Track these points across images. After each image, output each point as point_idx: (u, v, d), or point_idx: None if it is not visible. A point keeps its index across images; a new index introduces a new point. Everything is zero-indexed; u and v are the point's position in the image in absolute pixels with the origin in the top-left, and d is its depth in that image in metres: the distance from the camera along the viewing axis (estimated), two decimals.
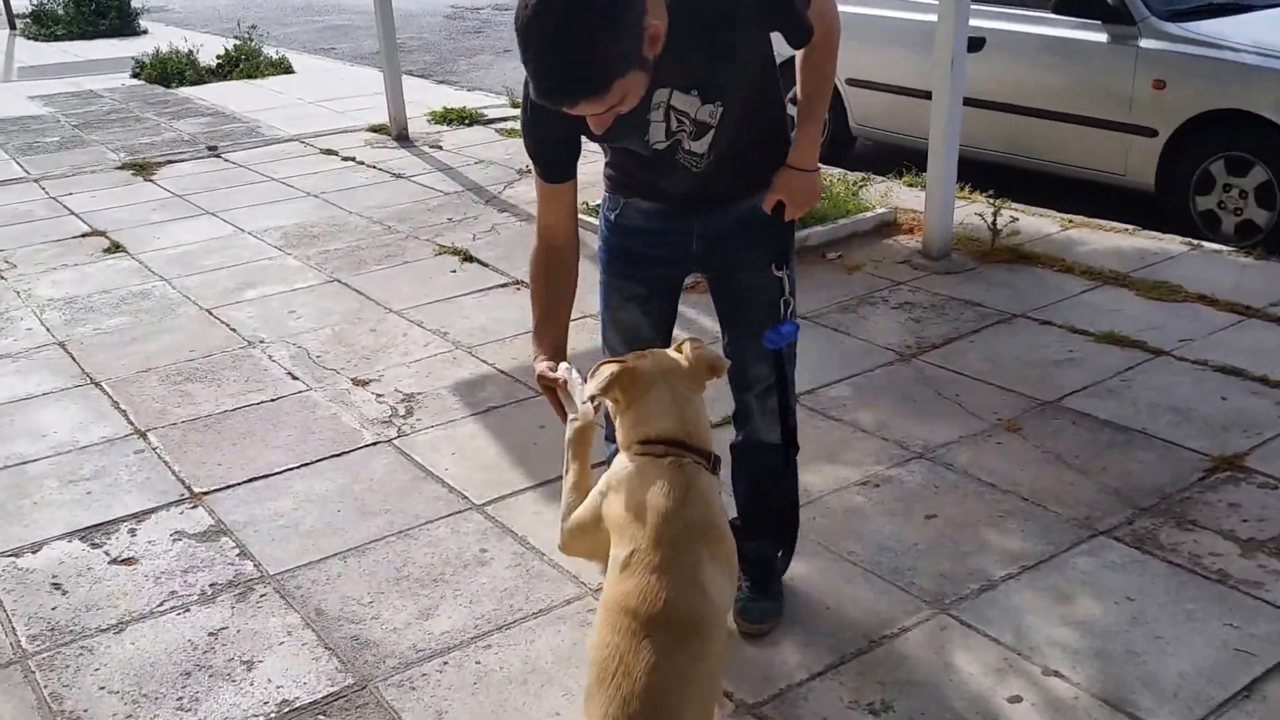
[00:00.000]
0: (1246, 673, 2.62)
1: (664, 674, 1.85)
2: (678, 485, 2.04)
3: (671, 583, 1.92)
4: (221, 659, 2.86)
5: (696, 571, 1.97)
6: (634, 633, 1.88)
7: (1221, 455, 3.54)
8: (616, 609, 1.92)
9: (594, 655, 1.92)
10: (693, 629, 1.92)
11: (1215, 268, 5.12)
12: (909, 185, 6.42)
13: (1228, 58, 5.55)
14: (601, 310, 2.79)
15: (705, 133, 2.40)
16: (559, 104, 2.01)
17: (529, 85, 2.19)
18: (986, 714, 2.55)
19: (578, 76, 1.96)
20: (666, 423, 2.10)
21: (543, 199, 2.50)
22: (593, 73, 1.95)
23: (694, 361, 2.18)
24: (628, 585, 1.94)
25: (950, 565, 3.08)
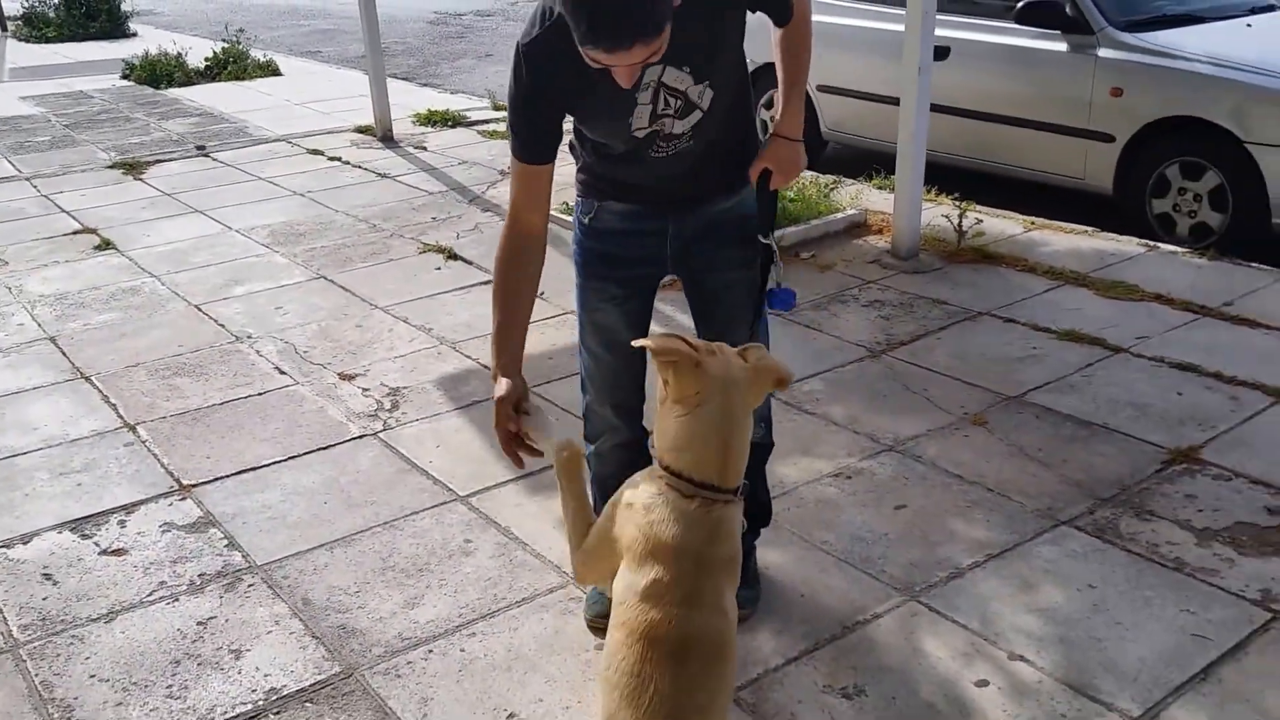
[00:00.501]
0: (1203, 657, 2.63)
1: (696, 701, 1.83)
2: (705, 526, 1.91)
3: (700, 614, 1.86)
4: (210, 648, 2.82)
5: (720, 599, 1.91)
6: (664, 662, 1.82)
7: (1177, 448, 3.55)
8: (644, 639, 1.84)
9: (618, 680, 1.83)
10: (720, 656, 1.89)
11: (1171, 268, 5.14)
12: (878, 188, 6.42)
13: (1182, 67, 5.57)
14: (579, 312, 2.76)
15: (691, 112, 2.37)
16: (618, 44, 1.95)
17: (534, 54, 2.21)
18: (955, 698, 2.55)
19: (642, 17, 1.92)
20: (705, 455, 1.91)
21: (519, 182, 2.42)
22: (654, 14, 1.93)
23: (758, 372, 1.95)
24: (654, 616, 1.84)
25: (919, 554, 3.08)
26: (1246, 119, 5.30)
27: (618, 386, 2.77)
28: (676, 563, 1.89)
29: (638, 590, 1.90)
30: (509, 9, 17.73)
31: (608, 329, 2.71)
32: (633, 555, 1.96)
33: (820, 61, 7.92)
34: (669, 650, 1.83)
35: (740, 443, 1.94)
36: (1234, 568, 2.95)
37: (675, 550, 1.89)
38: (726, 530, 1.94)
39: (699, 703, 1.84)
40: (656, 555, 1.91)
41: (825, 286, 5.09)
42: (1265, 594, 2.84)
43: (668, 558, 1.90)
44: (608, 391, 2.78)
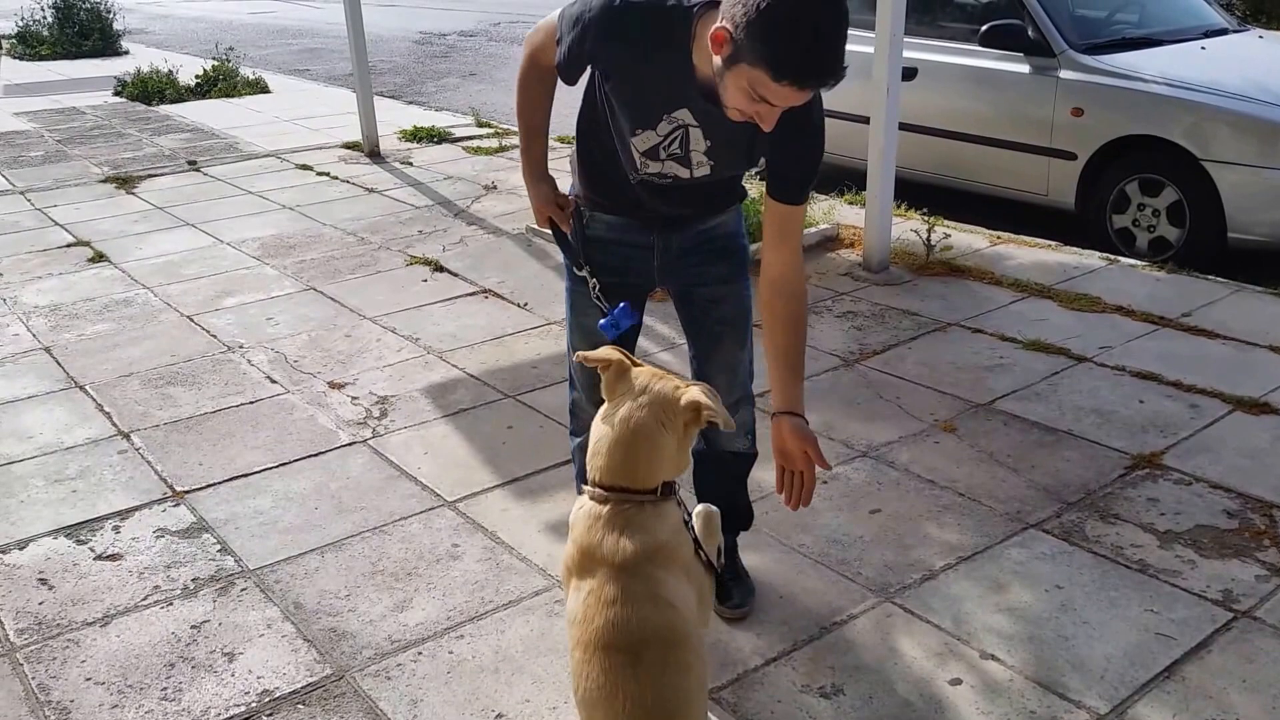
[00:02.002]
0: (1167, 655, 2.64)
1: (665, 693, 1.83)
2: (616, 524, 1.91)
3: (635, 608, 1.86)
4: (204, 651, 2.79)
5: (656, 590, 1.89)
6: (622, 665, 1.83)
7: (1140, 454, 3.57)
8: (597, 649, 1.85)
9: (592, 697, 1.84)
10: (672, 643, 1.88)
11: (1131, 281, 5.17)
12: (850, 203, 6.44)
13: (1140, 88, 5.62)
14: (568, 316, 2.76)
15: (683, 167, 2.39)
16: (825, 84, 1.95)
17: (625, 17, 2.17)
18: (929, 696, 2.55)
19: (843, 63, 1.93)
20: (612, 460, 1.94)
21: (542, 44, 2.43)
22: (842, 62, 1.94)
23: (686, 403, 1.94)
24: (597, 623, 1.86)
25: (894, 556, 3.08)
26: (1202, 138, 5.35)
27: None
28: (602, 567, 1.90)
29: (579, 604, 1.91)
30: (492, 29, 17.71)
31: (595, 332, 2.69)
32: (569, 572, 1.99)
33: None
34: (623, 651, 1.84)
35: (646, 450, 1.93)
36: (1196, 569, 2.97)
37: (597, 555, 1.91)
38: (637, 523, 1.92)
39: (669, 694, 1.84)
40: (585, 565, 1.93)
41: None
42: (1226, 594, 2.85)
43: (593, 564, 1.91)
44: (593, 390, 2.77)
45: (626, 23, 2.19)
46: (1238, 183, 5.27)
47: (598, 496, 1.95)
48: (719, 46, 1.97)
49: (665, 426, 1.94)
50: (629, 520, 1.92)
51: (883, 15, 5.06)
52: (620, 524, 1.91)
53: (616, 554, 1.90)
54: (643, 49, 2.20)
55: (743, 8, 1.90)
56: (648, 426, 1.93)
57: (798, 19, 1.87)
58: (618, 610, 1.86)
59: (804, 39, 1.88)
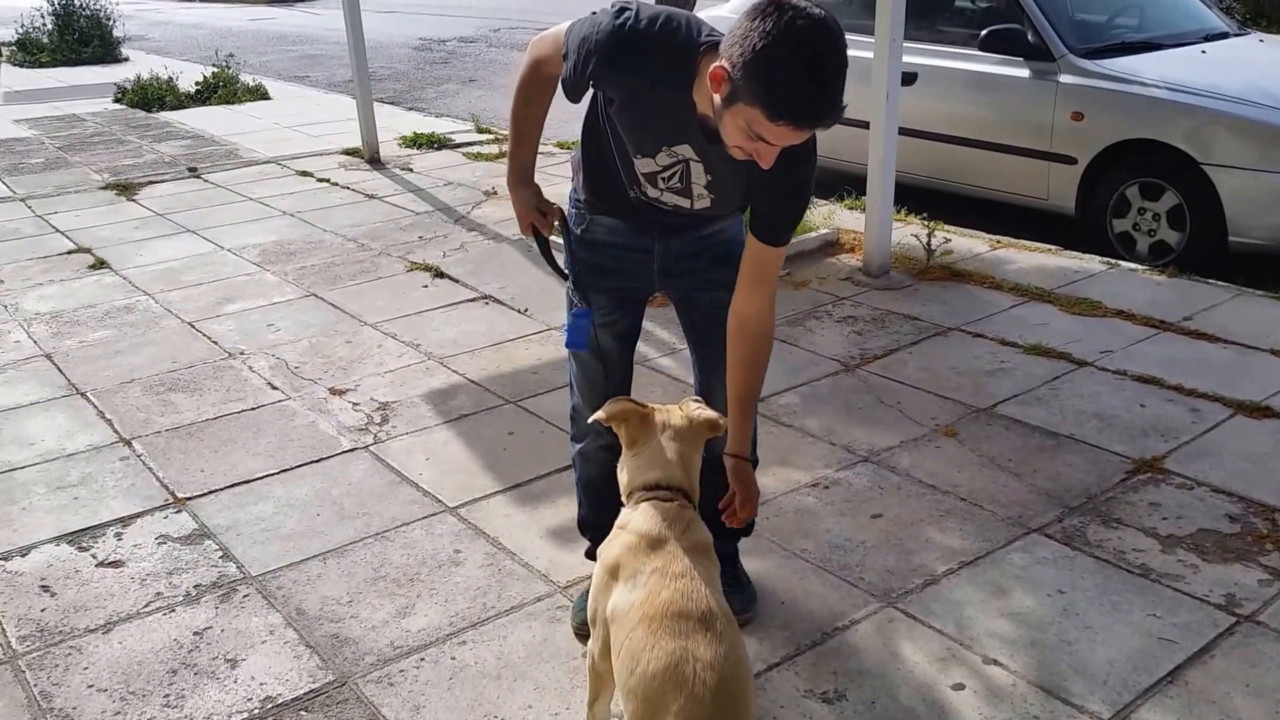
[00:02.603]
0: (1170, 660, 2.64)
1: (735, 667, 1.85)
2: (683, 519, 2.10)
3: (704, 583, 1.95)
4: (206, 657, 2.79)
5: (713, 578, 2.03)
6: (691, 630, 1.85)
7: (1142, 458, 3.57)
8: (665, 617, 1.88)
9: (656, 666, 1.83)
10: (730, 621, 1.94)
11: (1131, 285, 5.18)
12: (850, 208, 6.45)
13: (1140, 92, 5.63)
14: (568, 320, 2.76)
15: (682, 198, 2.41)
16: (821, 124, 1.95)
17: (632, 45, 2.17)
18: (932, 701, 2.55)
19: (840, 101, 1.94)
20: (674, 471, 2.16)
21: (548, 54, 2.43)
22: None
23: (694, 422, 2.21)
24: (665, 595, 1.92)
25: (895, 561, 3.08)
26: (1202, 142, 5.36)
27: (605, 393, 2.77)
28: (667, 546, 2.03)
29: (640, 586, 1.98)
30: (492, 35, 17.74)
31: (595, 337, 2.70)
32: (626, 569, 2.04)
33: None
34: (693, 618, 1.88)
35: (692, 462, 2.20)
36: (1198, 573, 2.97)
37: (665, 539, 2.04)
38: (698, 523, 2.13)
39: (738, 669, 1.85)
40: (650, 549, 2.03)
41: (800, 303, 5.10)
42: (1229, 599, 2.85)
43: (660, 545, 2.03)
44: (594, 395, 2.78)
45: (631, 52, 2.19)
46: (1238, 186, 5.28)
47: (663, 495, 2.13)
48: (717, 85, 1.98)
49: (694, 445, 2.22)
50: (692, 519, 2.13)
51: (882, 20, 5.07)
52: (686, 519, 2.12)
53: (684, 540, 2.05)
54: (646, 80, 2.21)
55: (740, 47, 1.91)
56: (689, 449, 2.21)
57: (794, 59, 1.87)
58: (687, 581, 1.94)
59: (800, 79, 1.88)
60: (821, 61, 1.89)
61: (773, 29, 1.87)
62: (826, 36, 1.89)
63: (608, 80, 2.28)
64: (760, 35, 1.88)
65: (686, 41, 2.17)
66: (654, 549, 2.03)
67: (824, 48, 1.89)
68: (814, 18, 1.89)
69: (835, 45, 1.91)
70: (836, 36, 1.91)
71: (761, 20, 1.89)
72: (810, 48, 1.88)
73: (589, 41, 2.24)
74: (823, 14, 1.91)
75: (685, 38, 2.17)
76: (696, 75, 2.15)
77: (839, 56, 1.91)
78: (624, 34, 2.19)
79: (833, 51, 1.90)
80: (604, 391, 2.75)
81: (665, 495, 2.13)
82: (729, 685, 1.80)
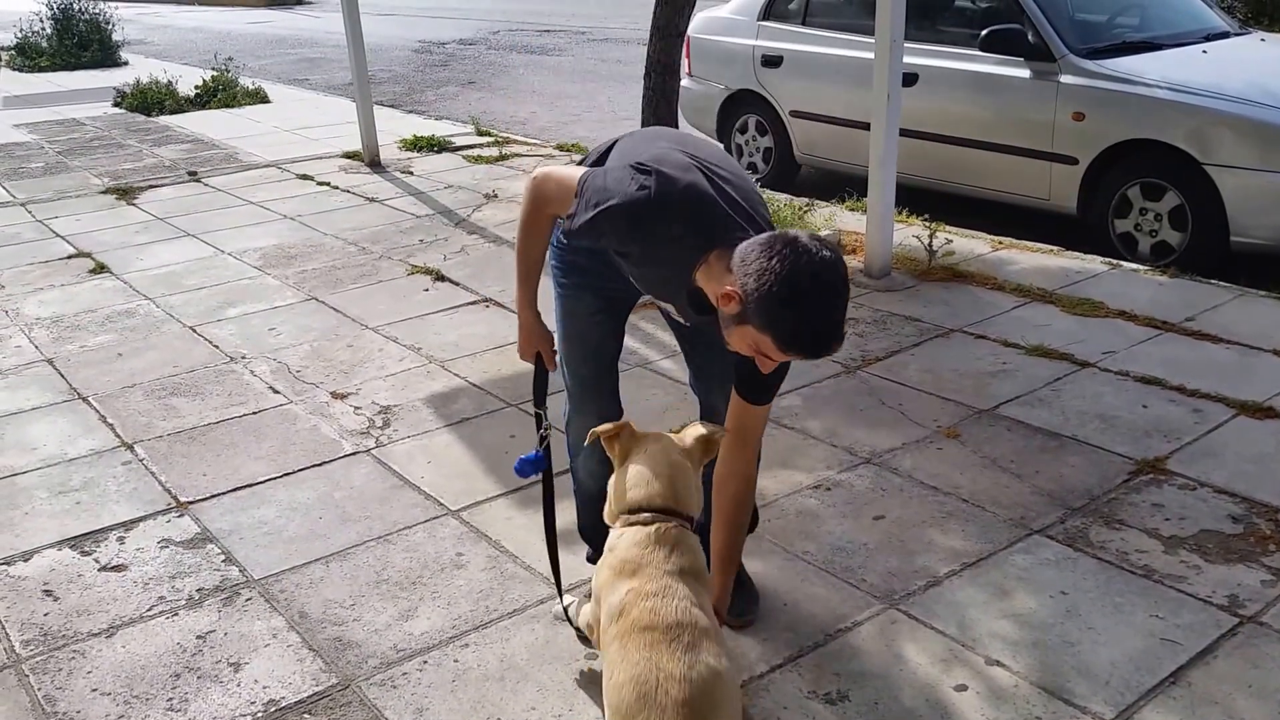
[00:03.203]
0: (1172, 661, 2.65)
1: (702, 672, 1.86)
2: (666, 542, 2.08)
3: (676, 599, 1.96)
4: (209, 661, 2.80)
5: (694, 597, 2.01)
6: (655, 642, 1.88)
7: (1144, 459, 3.58)
8: (635, 631, 1.92)
9: (623, 677, 1.88)
10: (704, 634, 1.94)
11: (1133, 285, 5.19)
12: (851, 210, 6.46)
13: (1141, 92, 5.64)
14: (558, 323, 2.78)
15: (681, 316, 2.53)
16: (825, 355, 2.09)
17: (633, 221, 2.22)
18: (935, 702, 2.56)
19: (843, 333, 2.08)
20: (654, 488, 2.15)
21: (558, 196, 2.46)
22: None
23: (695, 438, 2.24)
24: (635, 612, 1.95)
25: (898, 563, 3.09)
26: (1204, 142, 5.37)
27: (597, 396, 2.80)
28: (645, 569, 2.04)
29: (619, 603, 2.01)
30: (491, 37, 17.77)
31: (583, 338, 2.71)
32: (607, 591, 2.09)
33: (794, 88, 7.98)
34: (659, 631, 1.90)
35: (682, 479, 2.19)
36: (1201, 574, 2.98)
37: (642, 561, 2.05)
38: (687, 545, 2.11)
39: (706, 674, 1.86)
40: (628, 569, 2.05)
41: None
42: (1232, 600, 2.86)
43: (636, 568, 2.05)
44: (587, 402, 2.80)
45: (647, 225, 2.22)
46: (1240, 186, 5.29)
47: (644, 519, 2.12)
48: (728, 303, 2.08)
49: (690, 460, 2.22)
50: (678, 538, 2.10)
51: (882, 21, 5.08)
52: (670, 540, 2.09)
53: (665, 563, 2.04)
54: (651, 251, 2.30)
55: (754, 281, 2.01)
56: (680, 459, 2.21)
57: (805, 307, 2.00)
58: (658, 600, 1.96)
59: (812, 323, 2.02)
60: (832, 305, 2.02)
61: (787, 274, 1.99)
62: (835, 280, 2.02)
63: (611, 240, 2.34)
64: (774, 277, 1.99)
65: (703, 232, 2.21)
66: (632, 575, 2.04)
67: (832, 293, 2.02)
68: (824, 262, 2.00)
69: (842, 288, 2.04)
70: (843, 278, 2.04)
71: (778, 260, 2.00)
72: (820, 296, 2.01)
73: (606, 204, 2.24)
74: (832, 256, 2.02)
75: (704, 226, 2.20)
76: (703, 263, 2.21)
77: (838, 295, 2.04)
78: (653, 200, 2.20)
79: (839, 294, 2.04)
80: (602, 394, 2.78)
81: (647, 518, 2.13)
82: (697, 698, 1.83)
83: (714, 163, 2.32)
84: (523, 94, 12.20)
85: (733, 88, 7.74)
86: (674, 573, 2.03)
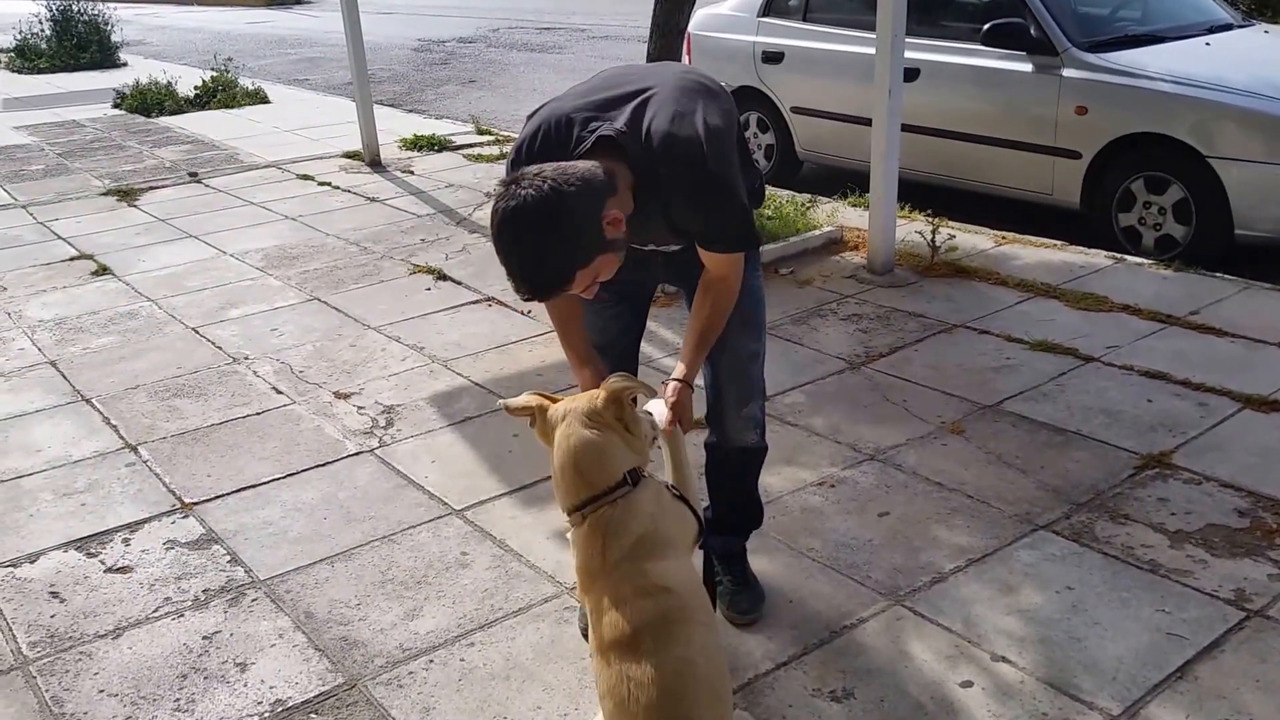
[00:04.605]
0: (1179, 655, 2.66)
1: (667, 669, 1.89)
2: (596, 533, 2.04)
3: (626, 606, 1.96)
4: (216, 661, 2.81)
5: (645, 581, 1.99)
6: (624, 656, 1.91)
7: (1150, 453, 3.59)
8: (605, 651, 1.96)
9: (602, 689, 1.96)
10: (669, 623, 1.95)
11: (1138, 280, 5.19)
12: (853, 205, 6.47)
13: (1144, 85, 5.63)
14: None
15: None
16: (533, 300, 2.15)
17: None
18: (941, 698, 2.57)
19: (541, 282, 2.10)
20: (562, 484, 2.10)
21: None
22: (554, 277, 2.09)
23: (603, 399, 2.12)
24: (599, 631, 1.99)
25: (903, 559, 3.10)
26: (1207, 134, 5.38)
27: None
28: (589, 581, 2.05)
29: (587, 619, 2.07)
30: (491, 35, 17.77)
31: (597, 328, 2.70)
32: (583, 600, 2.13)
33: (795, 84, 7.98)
34: (623, 646, 1.93)
35: (591, 456, 2.07)
36: (1207, 569, 2.98)
37: (583, 571, 2.07)
38: (618, 522, 2.03)
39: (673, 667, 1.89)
40: (587, 584, 2.07)
41: (804, 301, 5.12)
42: (1238, 594, 2.87)
43: (583, 582, 2.07)
44: None
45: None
46: (1244, 179, 5.29)
47: (573, 520, 2.10)
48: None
49: (599, 428, 2.09)
50: (606, 524, 2.04)
51: (884, 16, 5.09)
52: (599, 531, 2.04)
53: (602, 562, 2.03)
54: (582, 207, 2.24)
55: None
56: (582, 436, 2.08)
57: (496, 249, 2.09)
58: (611, 614, 1.97)
59: (505, 268, 2.10)
60: (504, 251, 2.07)
61: (491, 210, 2.09)
62: (506, 230, 2.05)
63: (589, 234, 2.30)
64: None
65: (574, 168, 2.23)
66: (588, 586, 2.05)
67: (505, 240, 2.06)
68: (503, 211, 2.04)
69: (516, 235, 2.05)
70: (508, 224, 2.04)
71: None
72: (496, 240, 2.08)
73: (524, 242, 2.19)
74: (517, 203, 2.01)
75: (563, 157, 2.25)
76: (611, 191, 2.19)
77: (522, 246, 2.05)
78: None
79: (512, 243, 2.06)
80: None
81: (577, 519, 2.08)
82: (666, 694, 1.87)
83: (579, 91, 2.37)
84: (523, 92, 12.20)
85: (733, 84, 7.74)
86: (619, 570, 2.00)
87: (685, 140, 2.21)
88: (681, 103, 2.25)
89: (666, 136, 2.21)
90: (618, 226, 2.13)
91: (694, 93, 2.30)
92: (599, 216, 2.08)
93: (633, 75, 2.40)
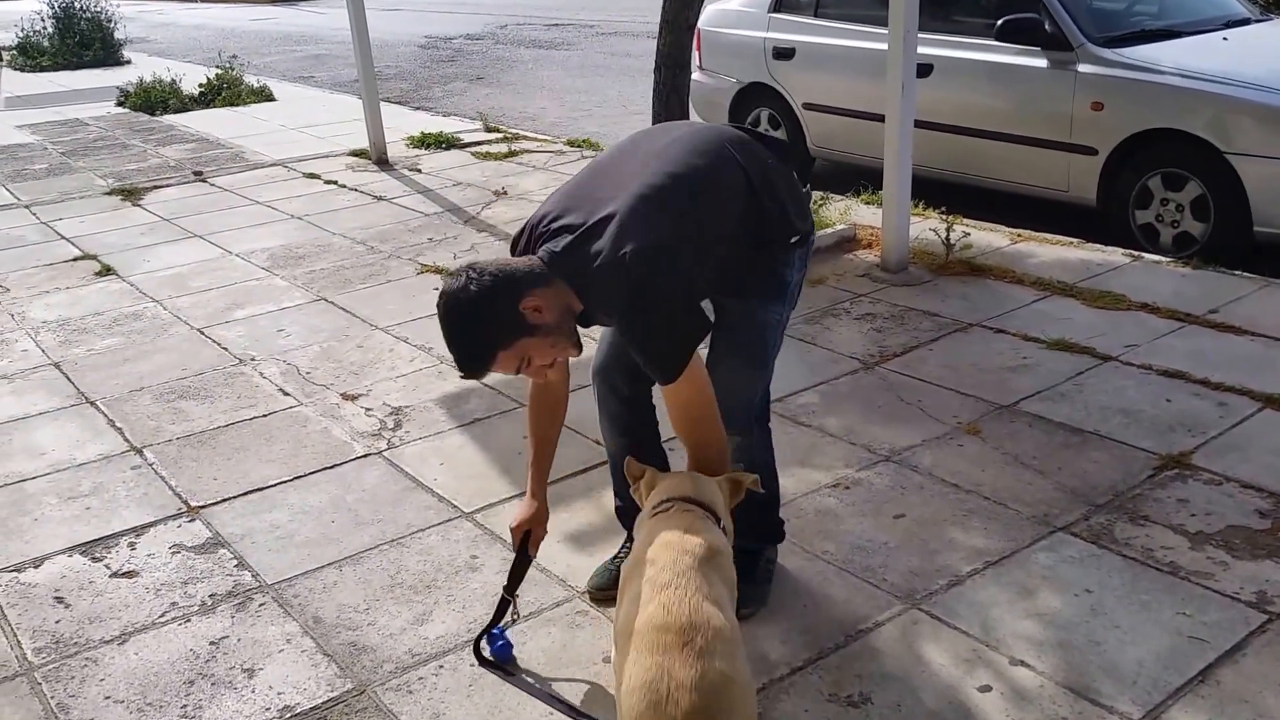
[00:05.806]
0: (1201, 659, 2.64)
1: (712, 678, 1.83)
2: (681, 524, 2.12)
3: (689, 595, 1.94)
4: (223, 667, 2.81)
5: (709, 588, 1.98)
6: (669, 645, 1.86)
7: (1169, 454, 3.57)
8: (647, 631, 1.90)
9: (635, 682, 1.86)
10: (716, 635, 1.91)
11: (1156, 277, 5.17)
12: (866, 203, 6.45)
13: (1160, 81, 5.61)
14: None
15: None
16: (468, 378, 2.43)
17: None
18: (958, 704, 2.55)
19: (463, 359, 2.37)
20: (682, 486, 2.26)
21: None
22: (473, 355, 2.35)
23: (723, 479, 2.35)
24: (650, 609, 1.94)
25: (919, 562, 3.09)
26: (1225, 130, 5.35)
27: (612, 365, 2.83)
28: (661, 555, 2.05)
29: (634, 599, 2.01)
30: (498, 32, 17.78)
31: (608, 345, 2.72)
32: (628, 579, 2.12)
33: (806, 80, 7.97)
34: (672, 633, 1.88)
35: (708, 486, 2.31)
36: (1228, 571, 2.97)
37: (659, 544, 2.08)
38: (699, 526, 2.15)
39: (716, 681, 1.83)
40: (643, 561, 2.06)
41: (817, 300, 5.10)
42: (1260, 596, 2.85)
43: (652, 555, 2.06)
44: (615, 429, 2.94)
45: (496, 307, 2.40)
46: (1263, 175, 5.26)
47: (662, 507, 2.21)
48: None
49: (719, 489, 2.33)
50: (692, 522, 2.14)
51: (896, 11, 5.07)
52: (684, 523, 2.12)
53: (681, 545, 2.06)
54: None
55: None
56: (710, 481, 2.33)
57: None
58: (672, 593, 1.95)
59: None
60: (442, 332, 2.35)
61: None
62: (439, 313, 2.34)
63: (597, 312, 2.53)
64: None
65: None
66: (651, 561, 2.05)
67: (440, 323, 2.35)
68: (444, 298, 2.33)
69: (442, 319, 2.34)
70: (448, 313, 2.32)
71: None
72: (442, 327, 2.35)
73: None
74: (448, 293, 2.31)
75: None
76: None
77: (446, 328, 2.34)
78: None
79: (441, 325, 2.35)
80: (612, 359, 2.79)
81: (668, 507, 2.20)
82: (707, 707, 1.80)
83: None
84: (531, 89, 12.21)
85: (744, 81, 7.74)
86: (690, 561, 2.01)
87: (607, 283, 2.31)
88: (623, 234, 2.30)
89: (597, 270, 2.31)
90: (541, 314, 2.31)
91: (652, 209, 2.34)
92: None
93: (611, 177, 2.49)
